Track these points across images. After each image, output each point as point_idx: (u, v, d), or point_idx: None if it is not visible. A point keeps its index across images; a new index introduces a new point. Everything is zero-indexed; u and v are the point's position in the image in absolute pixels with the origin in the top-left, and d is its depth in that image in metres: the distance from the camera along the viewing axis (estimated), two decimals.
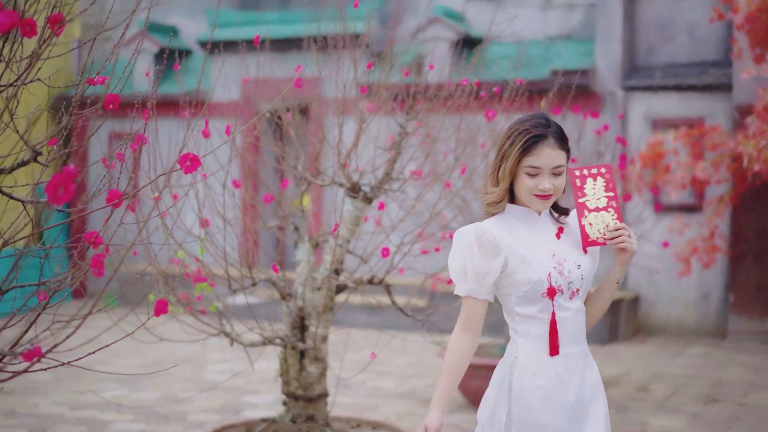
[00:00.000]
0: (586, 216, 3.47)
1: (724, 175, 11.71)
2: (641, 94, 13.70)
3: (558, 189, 3.48)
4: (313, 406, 5.74)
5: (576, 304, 3.51)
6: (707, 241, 11.77)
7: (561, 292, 3.46)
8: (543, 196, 3.47)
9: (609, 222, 3.46)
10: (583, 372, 3.53)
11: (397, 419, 8.19)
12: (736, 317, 12.93)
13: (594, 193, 3.49)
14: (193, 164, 3.11)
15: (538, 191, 3.45)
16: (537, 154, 3.43)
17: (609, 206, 3.46)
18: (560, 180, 3.47)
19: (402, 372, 10.32)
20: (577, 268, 3.49)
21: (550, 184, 3.44)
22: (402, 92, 5.83)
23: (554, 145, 3.44)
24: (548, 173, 3.45)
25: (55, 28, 2.91)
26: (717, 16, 12.02)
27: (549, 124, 3.48)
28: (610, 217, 3.46)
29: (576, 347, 3.51)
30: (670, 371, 10.52)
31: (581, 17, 14.53)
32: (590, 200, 3.48)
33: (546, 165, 3.43)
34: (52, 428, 7.86)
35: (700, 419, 8.32)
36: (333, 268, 5.56)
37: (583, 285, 3.51)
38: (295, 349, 5.65)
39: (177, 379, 9.75)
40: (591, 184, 3.50)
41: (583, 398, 3.50)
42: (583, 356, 3.54)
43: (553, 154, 3.43)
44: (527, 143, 3.44)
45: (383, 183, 5.62)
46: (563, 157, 3.47)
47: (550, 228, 3.56)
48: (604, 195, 3.48)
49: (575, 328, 3.51)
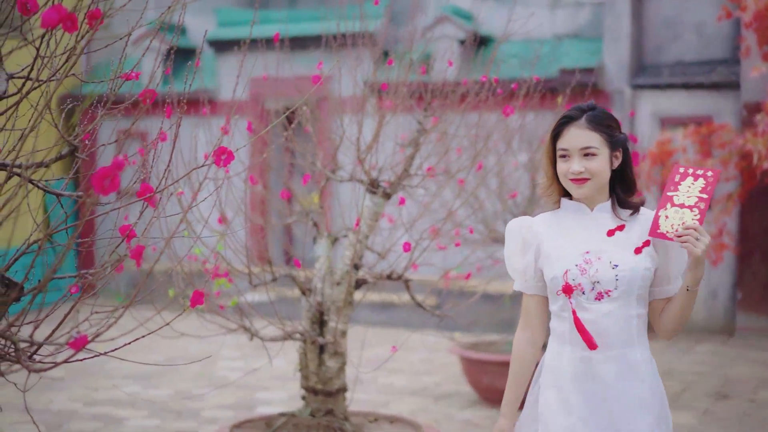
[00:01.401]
0: (667, 209, 3.30)
1: (732, 173, 11.74)
2: (649, 93, 13.73)
3: (593, 172, 3.32)
4: (332, 400, 5.78)
5: (607, 306, 3.31)
6: (715, 239, 11.80)
7: (582, 291, 3.32)
8: (577, 180, 3.34)
9: (687, 220, 3.26)
10: (619, 382, 3.31)
11: (410, 416, 8.23)
12: (744, 315, 12.96)
13: (687, 190, 3.32)
14: (227, 158, 3.15)
15: (570, 174, 3.34)
16: (564, 135, 3.37)
17: (696, 206, 3.28)
18: (594, 163, 3.32)
19: (414, 369, 10.36)
20: (612, 268, 3.30)
21: (580, 167, 3.32)
22: (419, 90, 5.87)
23: (584, 126, 3.34)
24: (578, 155, 3.33)
25: (94, 24, 2.95)
26: (725, 15, 12.06)
27: (587, 108, 3.39)
28: (691, 216, 3.27)
29: (604, 352, 3.31)
30: (680, 368, 10.55)
31: (589, 16, 14.57)
32: (679, 196, 3.32)
33: (572, 146, 3.33)
34: (68, 424, 7.90)
35: (712, 415, 8.36)
36: (353, 263, 5.60)
37: (619, 286, 3.29)
38: (315, 343, 5.69)
39: (190, 377, 9.79)
40: (689, 182, 3.34)
41: (613, 411, 3.31)
42: (619, 364, 3.31)
43: (580, 134, 3.33)
44: (557, 127, 3.39)
45: (401, 179, 5.66)
46: (595, 139, 3.33)
47: (602, 224, 3.40)
48: (697, 195, 3.30)
49: (606, 331, 3.30)
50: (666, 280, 3.38)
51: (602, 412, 3.31)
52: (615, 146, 3.38)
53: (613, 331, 3.32)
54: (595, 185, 3.36)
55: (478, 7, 14.61)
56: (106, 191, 2.43)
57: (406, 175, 5.68)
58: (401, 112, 5.95)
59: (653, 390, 3.36)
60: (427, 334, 9.93)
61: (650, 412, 3.32)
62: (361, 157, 5.53)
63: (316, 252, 5.90)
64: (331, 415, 5.79)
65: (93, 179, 2.41)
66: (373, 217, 5.70)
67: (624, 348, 3.32)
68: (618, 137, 3.38)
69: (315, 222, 5.91)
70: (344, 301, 5.66)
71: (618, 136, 3.39)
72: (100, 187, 2.42)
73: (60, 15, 2.32)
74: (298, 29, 13.93)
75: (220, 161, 3.13)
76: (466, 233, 7.38)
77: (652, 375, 3.38)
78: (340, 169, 6.00)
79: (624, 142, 3.41)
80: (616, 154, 3.39)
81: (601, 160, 3.34)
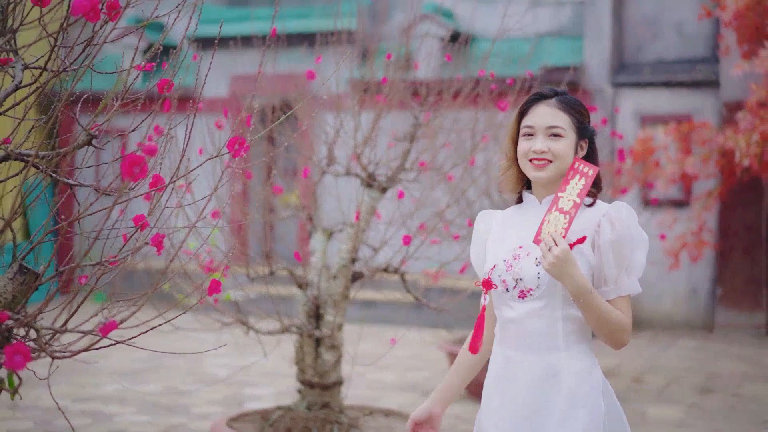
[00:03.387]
0: (552, 212, 3.04)
1: (713, 170, 11.86)
2: (630, 91, 13.84)
3: (556, 154, 3.08)
4: (328, 393, 5.81)
5: (530, 306, 3.08)
6: (696, 236, 11.93)
7: (506, 289, 3.11)
8: (538, 161, 3.09)
9: (558, 227, 3.01)
10: (536, 388, 3.07)
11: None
12: (724, 311, 13.09)
13: (571, 191, 3.05)
14: (241, 148, 3.17)
15: (531, 153, 3.09)
16: (531, 112, 3.14)
17: (569, 212, 3.02)
18: (559, 144, 3.08)
19: (402, 365, 10.40)
20: (536, 266, 3.07)
21: (543, 146, 3.07)
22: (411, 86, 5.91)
23: (554, 104, 3.12)
24: (543, 134, 3.10)
25: (112, 14, 2.96)
26: (705, 13, 12.19)
27: (560, 92, 3.18)
28: (561, 223, 3.01)
29: (525, 353, 3.09)
30: (663, 363, 10.65)
31: (570, 14, 14.66)
32: (564, 198, 3.05)
33: (539, 123, 3.10)
34: (57, 421, 7.88)
35: (699, 409, 8.45)
36: (350, 257, 5.63)
37: (540, 285, 3.06)
38: (312, 337, 5.72)
39: (177, 373, 9.79)
40: (576, 180, 3.07)
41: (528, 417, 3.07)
42: (537, 369, 3.08)
43: (548, 112, 3.10)
44: (526, 104, 3.18)
45: (397, 173, 5.70)
46: (564, 120, 3.09)
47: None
48: (573, 198, 3.04)
49: (528, 332, 3.09)
50: (602, 281, 3.09)
51: (519, 416, 3.09)
52: (583, 134, 3.16)
53: (536, 332, 3.08)
54: (556, 170, 3.11)
55: (458, 5, 14.67)
56: (135, 178, 2.46)
57: (401, 169, 5.72)
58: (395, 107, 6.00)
59: (577, 404, 3.04)
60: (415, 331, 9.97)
61: (571, 428, 3.02)
62: (357, 152, 5.56)
63: (311, 246, 5.93)
64: (327, 408, 5.82)
65: (122, 166, 2.43)
66: (369, 211, 5.74)
67: (546, 353, 3.07)
68: (587, 126, 3.18)
69: (310, 216, 5.94)
70: (341, 295, 5.70)
71: (587, 125, 3.18)
72: (130, 174, 2.44)
73: (93, 3, 2.34)
74: (281, 27, 13.94)
75: (234, 151, 3.16)
76: (454, 229, 7.42)
77: (579, 387, 3.06)
78: (335, 163, 6.04)
79: (592, 135, 3.20)
80: (582, 144, 3.17)
81: (567, 143, 3.10)
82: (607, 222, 3.07)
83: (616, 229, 3.06)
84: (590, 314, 3.00)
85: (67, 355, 2.82)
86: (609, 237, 3.05)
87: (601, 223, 3.08)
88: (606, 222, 3.07)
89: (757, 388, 9.37)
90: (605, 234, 3.06)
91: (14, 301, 2.96)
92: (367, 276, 5.71)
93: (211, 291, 3.07)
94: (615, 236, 3.05)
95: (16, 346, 1.99)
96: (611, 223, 3.07)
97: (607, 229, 3.06)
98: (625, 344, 3.10)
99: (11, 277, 2.95)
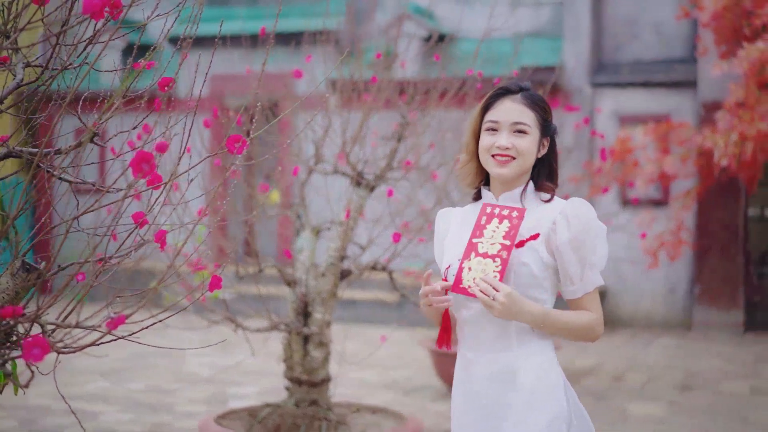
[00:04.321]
0: (471, 259, 2.97)
1: (691, 170, 11.97)
2: (609, 91, 13.95)
3: (520, 151, 3.01)
4: (316, 390, 5.84)
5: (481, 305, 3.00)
6: (674, 235, 12.04)
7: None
8: (501, 157, 3.02)
9: (488, 272, 2.93)
10: (491, 387, 3.02)
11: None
12: (702, 309, 13.22)
13: (492, 236, 2.98)
14: (242, 146, 3.20)
15: (495, 149, 3.02)
16: (496, 107, 3.06)
17: (498, 255, 2.94)
18: (523, 141, 3.01)
19: (383, 364, 10.44)
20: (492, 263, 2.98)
21: (508, 142, 3.00)
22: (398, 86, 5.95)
23: (520, 100, 3.05)
24: (507, 130, 3.02)
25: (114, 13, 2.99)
26: (683, 14, 12.31)
27: (524, 87, 3.11)
28: (492, 267, 2.94)
29: (480, 353, 3.05)
30: (643, 361, 10.74)
31: (549, 14, 14.74)
32: (483, 243, 2.97)
33: (504, 119, 3.02)
34: (42, 420, 7.87)
35: (679, 406, 8.53)
36: (339, 255, 5.67)
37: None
38: (300, 334, 5.75)
39: (159, 372, 9.79)
40: (494, 225, 2.99)
41: (485, 417, 3.03)
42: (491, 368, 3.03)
43: (514, 108, 3.03)
44: (490, 99, 3.10)
45: (385, 172, 5.74)
46: (529, 117, 3.03)
47: None
48: (500, 241, 2.96)
49: (481, 331, 3.04)
50: (568, 281, 3.04)
51: (478, 417, 3.04)
52: (546, 132, 3.10)
53: (489, 332, 3.03)
54: (519, 168, 3.05)
55: (438, 6, 14.72)
56: (144, 175, 2.49)
57: (389, 168, 5.77)
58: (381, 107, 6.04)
59: (536, 403, 2.99)
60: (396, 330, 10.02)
61: (527, 428, 2.97)
62: (346, 151, 5.60)
63: (299, 244, 5.96)
64: (315, 405, 5.85)
65: (132, 164, 2.46)
66: (357, 210, 5.78)
67: (500, 352, 3.02)
68: (550, 124, 3.11)
69: (298, 214, 5.97)
70: (329, 293, 5.73)
71: (550, 123, 3.12)
72: (139, 171, 2.47)
73: (104, 2, 2.37)
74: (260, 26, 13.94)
75: (233, 149, 3.19)
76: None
77: (539, 386, 3.00)
78: (323, 161, 6.07)
79: (554, 133, 3.13)
80: (544, 142, 3.10)
81: (531, 140, 3.04)
82: (564, 220, 3.00)
83: (572, 227, 2.98)
84: (556, 332, 2.99)
85: (72, 351, 2.85)
86: (566, 236, 2.99)
87: (557, 221, 3.00)
88: (562, 220, 3.00)
89: (736, 386, 9.48)
90: (562, 233, 2.99)
91: (17, 298, 2.98)
92: (355, 274, 5.75)
93: (212, 287, 3.10)
94: (572, 234, 2.98)
95: (35, 339, 2.02)
96: (567, 221, 2.99)
97: (563, 228, 2.99)
98: (599, 336, 3.08)
99: (14, 273, 2.97)
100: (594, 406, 8.36)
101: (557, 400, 3.00)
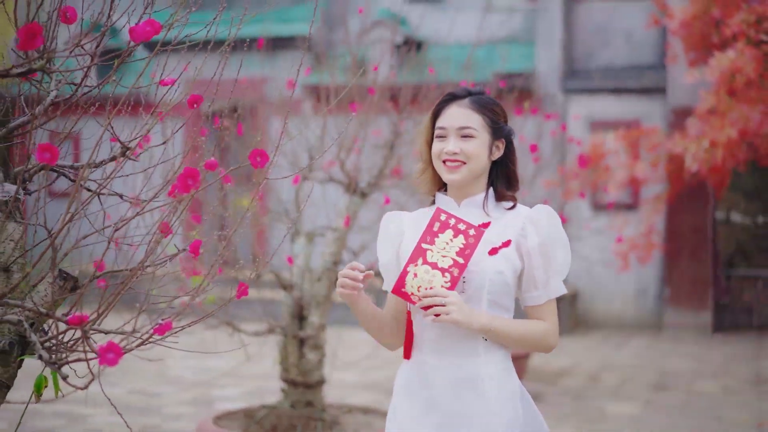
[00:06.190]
0: (418, 265, 2.90)
1: (661, 174, 12.24)
2: (580, 97, 14.21)
3: (468, 155, 3.00)
4: (311, 392, 6.01)
5: None
6: (645, 238, 12.31)
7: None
8: (451, 162, 3.02)
9: (436, 286, 2.87)
10: (453, 390, 2.98)
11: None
12: (672, 310, 13.52)
13: (444, 248, 2.92)
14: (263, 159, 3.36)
15: (444, 155, 3.02)
16: (444, 114, 3.07)
17: (449, 270, 2.89)
18: (470, 145, 3.00)
19: (361, 365, 10.62)
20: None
21: (455, 147, 3.00)
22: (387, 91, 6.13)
23: (466, 105, 3.04)
24: (454, 135, 3.02)
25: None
26: (653, 22, 12.59)
27: (475, 92, 3.09)
28: (441, 281, 2.88)
29: (441, 359, 3.00)
30: (617, 362, 11.00)
31: (522, 21, 14.98)
32: (433, 252, 2.91)
33: (450, 124, 3.03)
34: (31, 422, 7.98)
35: (655, 405, 8.78)
36: (334, 260, 5.84)
37: (466, 290, 2.96)
38: (296, 337, 5.92)
39: (144, 375, 9.91)
40: (448, 237, 2.94)
41: (443, 423, 2.97)
42: (454, 373, 2.98)
43: (459, 113, 3.03)
44: (438, 106, 3.11)
45: (378, 180, 5.92)
46: (475, 120, 3.02)
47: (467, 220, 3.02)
48: (452, 256, 2.90)
49: (448, 336, 2.98)
50: (532, 286, 3.04)
51: (437, 423, 2.97)
52: (497, 134, 3.08)
53: (455, 337, 2.98)
54: (470, 172, 3.04)
55: (411, 12, 14.89)
56: (187, 189, 2.65)
57: (382, 176, 5.95)
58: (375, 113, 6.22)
59: (494, 410, 2.97)
60: None
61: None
62: (341, 159, 5.77)
63: (294, 250, 6.13)
64: (310, 406, 6.02)
65: (179, 179, 2.62)
66: (352, 216, 5.96)
67: (465, 358, 2.98)
68: (503, 126, 3.08)
69: (293, 221, 6.14)
70: (324, 297, 5.91)
71: (503, 125, 3.09)
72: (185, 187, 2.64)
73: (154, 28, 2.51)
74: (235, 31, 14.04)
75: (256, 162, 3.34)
76: None
77: (498, 393, 2.99)
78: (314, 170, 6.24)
79: (509, 134, 3.10)
80: (497, 144, 3.08)
81: (479, 144, 3.03)
82: (531, 225, 3.02)
83: (541, 232, 3.01)
84: (505, 341, 2.98)
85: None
86: (535, 240, 3.00)
87: (525, 226, 3.02)
88: (530, 225, 3.02)
89: (708, 385, 9.75)
90: (531, 238, 3.01)
91: (54, 305, 3.13)
92: None
93: (240, 294, 3.26)
94: (541, 239, 3.00)
95: (110, 345, 2.18)
96: (535, 226, 3.02)
97: (532, 233, 3.01)
98: (553, 348, 3.08)
99: (51, 281, 3.12)
100: (572, 406, 8.60)
101: (514, 408, 3.00)
